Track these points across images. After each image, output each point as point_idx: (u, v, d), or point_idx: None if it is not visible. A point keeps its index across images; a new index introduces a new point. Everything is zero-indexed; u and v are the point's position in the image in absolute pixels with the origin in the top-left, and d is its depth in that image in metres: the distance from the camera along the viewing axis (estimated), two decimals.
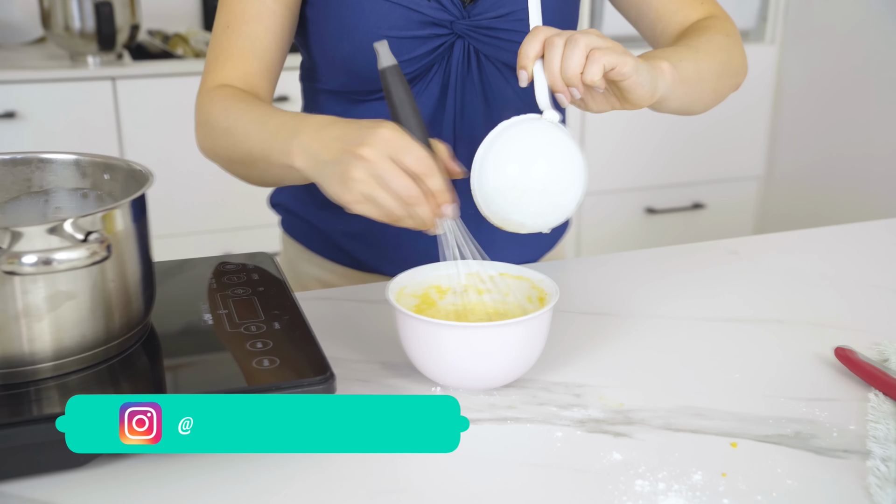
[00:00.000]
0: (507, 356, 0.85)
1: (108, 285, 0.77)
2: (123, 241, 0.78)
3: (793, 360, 0.96)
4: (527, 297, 0.93)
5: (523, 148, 0.89)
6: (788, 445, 0.80)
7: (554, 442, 0.81)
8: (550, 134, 0.89)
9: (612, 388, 0.90)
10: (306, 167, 0.89)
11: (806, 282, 1.15)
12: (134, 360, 0.81)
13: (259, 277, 0.96)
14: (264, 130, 0.95)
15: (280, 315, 0.88)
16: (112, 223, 0.76)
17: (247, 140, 0.97)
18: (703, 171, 3.03)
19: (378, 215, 0.85)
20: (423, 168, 0.83)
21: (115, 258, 0.77)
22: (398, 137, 0.83)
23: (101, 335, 0.78)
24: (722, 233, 3.06)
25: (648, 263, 1.22)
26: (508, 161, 0.88)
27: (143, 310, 0.82)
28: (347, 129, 0.87)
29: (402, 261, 1.19)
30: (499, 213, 0.90)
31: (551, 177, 0.88)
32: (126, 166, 0.87)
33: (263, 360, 0.79)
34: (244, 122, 0.98)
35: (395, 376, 0.91)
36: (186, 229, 2.56)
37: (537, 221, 0.90)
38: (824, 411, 0.86)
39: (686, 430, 0.83)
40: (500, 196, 0.89)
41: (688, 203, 3.05)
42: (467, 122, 1.12)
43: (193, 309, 0.89)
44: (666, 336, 1.01)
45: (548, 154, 0.89)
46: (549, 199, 0.88)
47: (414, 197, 0.83)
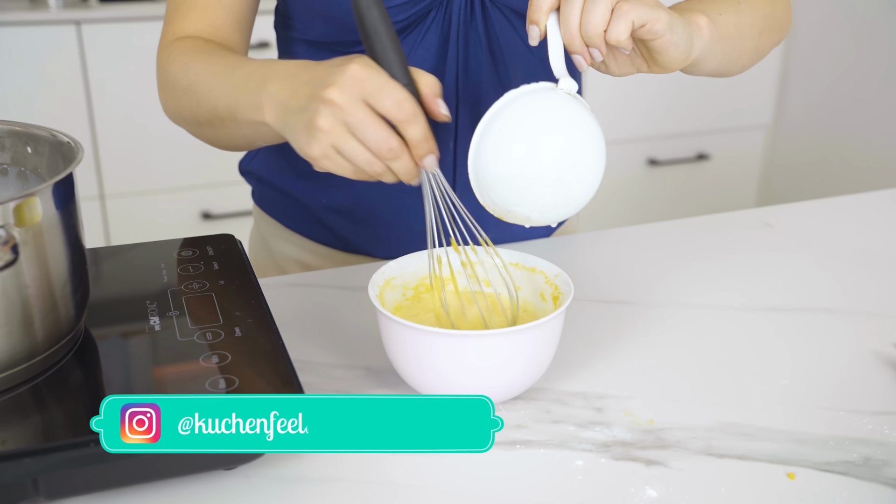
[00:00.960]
0: (513, 368, 0.71)
1: (23, 292, 0.62)
2: (44, 234, 0.63)
3: (849, 360, 0.82)
4: (539, 293, 0.78)
5: (534, 126, 0.71)
6: (857, 476, 0.67)
7: (574, 473, 0.67)
8: (567, 109, 0.72)
9: (638, 400, 0.76)
10: (275, 120, 0.74)
11: (849, 260, 1.01)
12: (64, 377, 0.66)
13: (220, 267, 0.81)
14: (229, 83, 0.81)
15: (242, 318, 0.73)
16: (26, 215, 0.61)
17: (210, 97, 0.83)
18: (709, 119, 2.88)
19: (349, 172, 0.71)
20: (402, 113, 0.68)
21: (32, 257, 0.62)
22: (372, 76, 0.68)
23: (18, 352, 0.63)
24: (727, 185, 2.92)
25: (670, 237, 1.08)
26: (515, 142, 0.71)
27: (72, 316, 0.68)
28: (317, 70, 0.72)
29: (395, 241, 1.04)
30: (500, 204, 0.74)
31: (567, 163, 0.71)
32: (51, 137, 0.72)
33: (219, 380, 0.64)
34: (206, 76, 0.84)
35: (381, 386, 0.77)
36: (158, 186, 2.40)
37: (546, 215, 0.73)
38: (895, 429, 0.72)
39: (731, 456, 0.69)
40: (502, 184, 0.72)
41: (692, 154, 2.89)
42: (471, 80, 0.96)
43: (138, 310, 0.74)
44: (698, 330, 0.87)
45: (564, 135, 0.71)
46: (563, 190, 0.72)
47: (392, 150, 0.69)
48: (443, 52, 0.95)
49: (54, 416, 0.64)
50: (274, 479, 0.66)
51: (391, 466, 0.67)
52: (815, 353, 0.83)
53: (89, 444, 0.58)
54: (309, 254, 1.07)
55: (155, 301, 0.75)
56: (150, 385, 0.65)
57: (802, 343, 0.85)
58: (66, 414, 0.64)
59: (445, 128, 0.98)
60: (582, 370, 0.79)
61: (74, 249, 0.67)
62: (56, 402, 0.65)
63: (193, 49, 0.89)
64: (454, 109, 0.98)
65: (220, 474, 0.65)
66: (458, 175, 1.00)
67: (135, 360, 0.68)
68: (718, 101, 2.85)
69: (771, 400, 0.76)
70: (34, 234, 0.62)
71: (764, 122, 2.93)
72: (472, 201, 0.93)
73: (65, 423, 0.62)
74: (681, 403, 0.75)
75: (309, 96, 0.70)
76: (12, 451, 0.57)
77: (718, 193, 2.94)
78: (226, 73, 0.82)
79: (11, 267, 0.58)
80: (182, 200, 2.44)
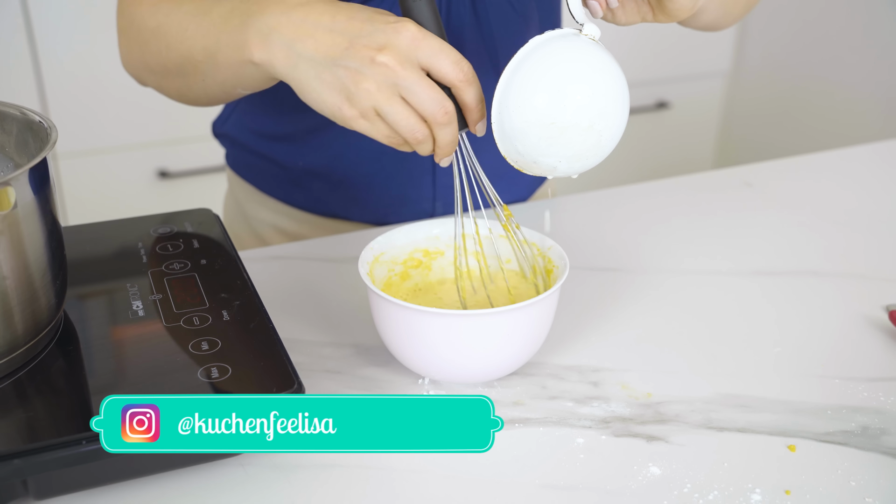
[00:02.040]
0: (508, 346, 0.69)
1: (1, 284, 0.59)
2: (21, 222, 0.60)
3: (839, 325, 0.82)
4: (531, 265, 0.77)
5: (565, 73, 0.67)
6: (857, 446, 0.67)
7: (575, 452, 0.66)
8: (594, 55, 0.68)
9: (634, 373, 0.75)
10: (277, 60, 0.68)
11: (833, 220, 1.00)
12: (46, 369, 0.63)
13: (200, 245, 0.78)
14: (206, 22, 0.74)
15: (229, 300, 0.70)
16: (3, 202, 0.58)
17: (183, 38, 0.77)
18: (669, 67, 2.86)
19: (383, 136, 0.67)
20: (463, 73, 0.66)
21: (9, 247, 0.59)
22: (430, 38, 0.65)
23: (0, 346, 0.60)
24: (688, 134, 2.91)
25: (650, 199, 1.06)
26: (546, 90, 0.66)
27: (53, 304, 0.65)
28: (351, 20, 0.66)
29: (374, 205, 1.01)
30: (527, 154, 0.69)
31: (598, 110, 0.67)
32: (21, 115, 0.68)
33: (212, 368, 0.62)
34: (178, 16, 0.78)
35: (372, 364, 0.75)
36: (111, 144, 2.33)
37: (574, 165, 0.70)
38: (890, 395, 0.72)
39: (731, 429, 0.68)
40: (532, 133, 0.67)
41: (651, 102, 2.88)
42: (454, 40, 0.93)
43: (120, 294, 0.71)
44: (688, 298, 0.86)
45: (594, 82, 0.67)
46: (594, 139, 0.68)
47: (447, 113, 0.66)
48: None
49: (41, 412, 0.61)
50: (270, 468, 0.64)
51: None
52: (805, 319, 0.83)
53: (82, 441, 0.56)
54: (286, 219, 1.04)
55: (136, 284, 0.72)
56: (138, 376, 0.63)
57: (792, 309, 0.84)
58: (53, 410, 0.61)
59: None
60: (574, 342, 0.78)
61: (52, 236, 0.63)
62: (40, 398, 0.62)
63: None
64: None
65: (215, 465, 0.63)
66: None
67: (120, 349, 0.65)
68: (680, 48, 2.84)
69: (765, 369, 0.76)
70: (10, 222, 0.59)
71: (722, 69, 2.92)
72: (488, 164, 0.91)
73: (54, 420, 0.59)
74: (676, 375, 0.75)
75: (347, 49, 0.65)
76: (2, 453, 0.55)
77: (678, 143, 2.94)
78: (201, 11, 0.75)
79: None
80: (137, 159, 2.37)
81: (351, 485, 0.63)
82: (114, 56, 2.02)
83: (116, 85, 2.19)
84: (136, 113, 2.33)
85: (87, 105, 2.27)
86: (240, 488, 0.62)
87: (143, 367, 0.63)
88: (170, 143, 2.40)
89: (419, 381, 0.73)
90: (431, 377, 0.72)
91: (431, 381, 0.73)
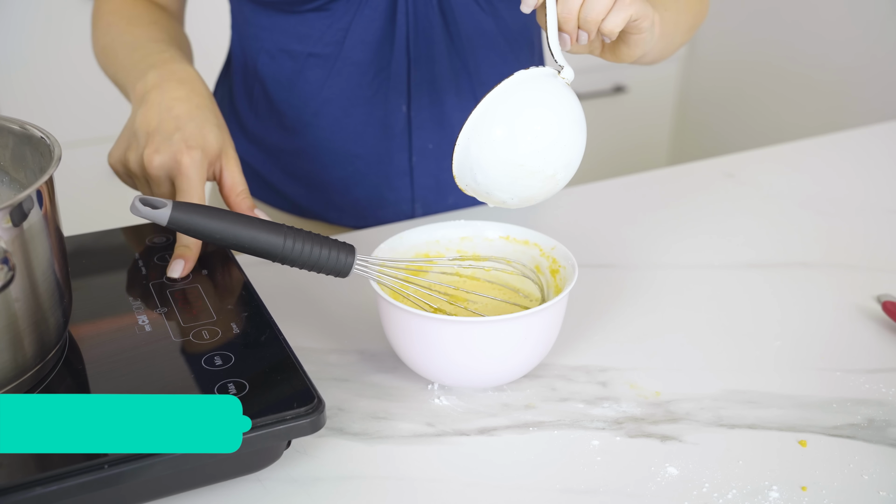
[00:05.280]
0: (522, 350, 0.69)
1: (11, 308, 0.57)
2: (29, 242, 0.58)
3: (833, 316, 0.83)
4: (534, 266, 0.77)
5: (547, 123, 0.68)
6: (865, 439, 0.68)
7: (592, 454, 0.66)
8: (570, 104, 0.69)
9: (641, 372, 0.75)
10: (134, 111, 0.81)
11: (818, 210, 1.02)
12: (54, 393, 0.62)
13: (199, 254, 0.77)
14: (129, 60, 0.86)
15: (236, 311, 0.69)
16: (12, 223, 0.56)
17: (115, 66, 0.88)
18: None
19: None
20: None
21: (21, 269, 0.57)
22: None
23: (8, 371, 0.59)
24: (645, 118, 2.94)
25: (634, 192, 1.07)
26: (525, 134, 0.67)
27: (60, 325, 0.63)
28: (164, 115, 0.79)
29: (352, 208, 1.01)
30: (483, 185, 0.69)
31: (565, 162, 0.69)
32: (20, 130, 0.66)
33: (228, 384, 0.61)
34: (118, 44, 0.89)
35: (380, 371, 0.75)
36: (70, 139, 2.28)
37: (523, 203, 0.71)
38: (890, 386, 0.74)
39: (742, 426, 0.69)
40: (497, 169, 0.68)
41: (608, 86, 2.90)
42: (422, 39, 0.93)
43: (123, 308, 0.69)
44: (682, 292, 0.86)
45: (570, 134, 0.68)
46: (551, 185, 0.69)
47: None
48: (391, 12, 0.91)
49: None
50: (287, 481, 0.64)
51: (405, 461, 0.66)
52: (800, 311, 0.84)
53: (104, 466, 0.55)
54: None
55: (138, 297, 0.71)
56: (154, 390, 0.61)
57: (787, 301, 0.85)
58: None
59: (398, 90, 0.95)
60: (579, 342, 0.78)
61: (59, 254, 0.62)
62: None
63: (121, 9, 0.92)
64: (405, 70, 0.94)
65: (232, 483, 0.63)
66: (413, 139, 0.97)
67: (130, 367, 0.64)
68: None
69: (767, 363, 0.77)
70: (21, 243, 0.57)
71: (679, 54, 2.94)
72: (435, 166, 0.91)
73: None
74: (682, 372, 0.75)
75: (148, 135, 0.77)
76: (20, 483, 0.53)
77: (635, 126, 2.96)
78: (133, 46, 0.86)
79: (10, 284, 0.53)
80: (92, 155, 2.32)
81: (371, 496, 0.63)
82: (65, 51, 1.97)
83: (70, 80, 2.14)
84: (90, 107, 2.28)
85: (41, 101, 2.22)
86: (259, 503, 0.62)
87: (156, 386, 0.62)
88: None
89: (429, 387, 0.73)
90: (442, 382, 0.72)
91: (441, 387, 0.72)
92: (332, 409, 0.70)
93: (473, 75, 0.97)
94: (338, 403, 0.70)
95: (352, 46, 0.93)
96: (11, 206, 0.55)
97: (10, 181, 0.67)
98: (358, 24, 0.92)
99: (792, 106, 2.55)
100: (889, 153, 1.18)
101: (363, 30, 0.92)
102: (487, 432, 0.68)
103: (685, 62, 3.00)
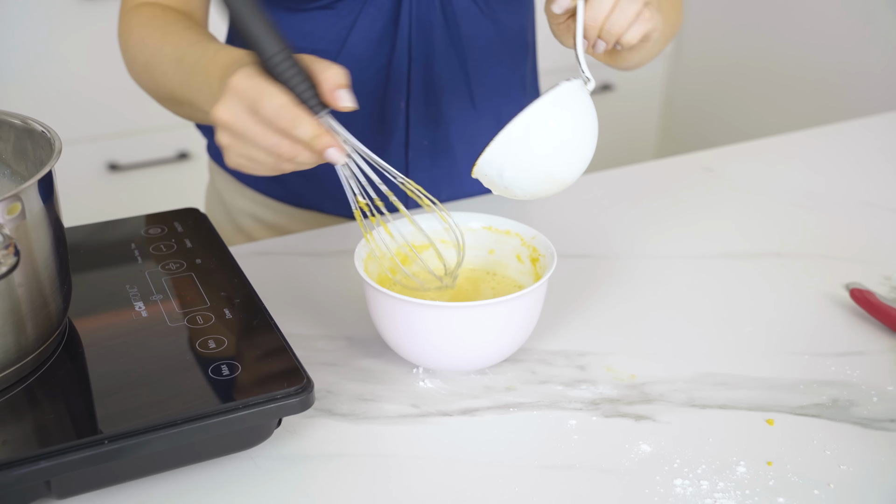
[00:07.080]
0: (504, 335, 0.72)
1: (15, 293, 0.60)
2: (31, 231, 0.61)
3: (804, 303, 0.86)
4: (515, 255, 0.80)
5: (588, 141, 0.73)
6: (829, 418, 0.71)
7: (569, 433, 0.70)
8: (594, 116, 0.74)
9: (617, 356, 0.78)
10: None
11: (793, 203, 1.05)
12: (55, 375, 0.65)
13: (193, 245, 0.80)
14: (182, 70, 0.80)
15: (229, 297, 0.72)
16: (16, 213, 0.59)
17: (166, 80, 0.82)
18: None
19: (269, 171, 0.71)
20: (281, 121, 0.67)
21: (24, 256, 0.60)
22: (250, 86, 0.67)
23: (11, 354, 0.62)
24: (632, 116, 2.97)
25: (616, 185, 1.10)
26: (570, 151, 0.72)
27: (61, 310, 0.66)
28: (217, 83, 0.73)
29: (345, 198, 1.03)
30: (503, 181, 0.72)
31: (580, 171, 0.74)
32: (21, 124, 0.69)
33: (221, 366, 0.64)
34: (160, 57, 0.83)
35: (367, 356, 0.78)
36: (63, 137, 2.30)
37: (530, 198, 0.75)
38: (855, 369, 0.77)
39: (713, 406, 0.73)
40: (528, 174, 0.72)
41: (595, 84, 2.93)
42: (424, 39, 0.95)
43: (120, 295, 0.72)
44: (659, 281, 0.90)
45: (591, 147, 0.74)
46: (562, 188, 0.74)
47: (285, 153, 0.68)
48: (395, 12, 0.94)
49: (57, 415, 0.62)
50: (278, 459, 0.67)
51: (391, 440, 0.69)
52: (772, 299, 0.87)
53: (104, 441, 0.57)
54: (264, 209, 1.06)
55: (135, 285, 0.74)
56: (149, 377, 0.64)
57: (759, 289, 0.89)
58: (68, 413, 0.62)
59: (397, 87, 0.98)
60: (559, 328, 0.82)
61: (59, 242, 0.65)
62: (50, 402, 0.63)
63: (151, 22, 0.87)
64: (406, 69, 0.97)
65: (225, 459, 0.66)
66: (410, 135, 1.00)
67: (127, 351, 0.67)
68: None
69: (739, 348, 0.80)
70: (23, 231, 0.60)
71: (665, 52, 2.98)
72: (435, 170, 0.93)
73: (71, 422, 0.61)
74: (657, 356, 0.78)
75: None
76: (25, 456, 0.56)
77: (622, 124, 2.99)
78: (178, 57, 0.81)
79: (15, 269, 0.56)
80: (85, 152, 2.35)
81: (358, 472, 0.66)
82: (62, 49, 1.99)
83: (64, 78, 2.16)
84: (84, 105, 2.31)
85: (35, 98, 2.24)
86: (251, 480, 0.65)
87: (153, 368, 0.65)
88: (120, 135, 2.38)
89: (414, 371, 0.76)
90: (426, 366, 0.75)
91: (426, 370, 0.75)
92: (321, 391, 0.73)
93: (470, 75, 1.00)
94: (326, 386, 0.74)
95: (354, 44, 0.96)
96: (15, 196, 0.58)
97: (12, 174, 0.70)
98: (362, 22, 0.95)
99: (776, 104, 2.59)
100: (862, 149, 1.21)
101: (367, 28, 0.95)
102: (469, 413, 0.71)
103: (671, 61, 3.04)
